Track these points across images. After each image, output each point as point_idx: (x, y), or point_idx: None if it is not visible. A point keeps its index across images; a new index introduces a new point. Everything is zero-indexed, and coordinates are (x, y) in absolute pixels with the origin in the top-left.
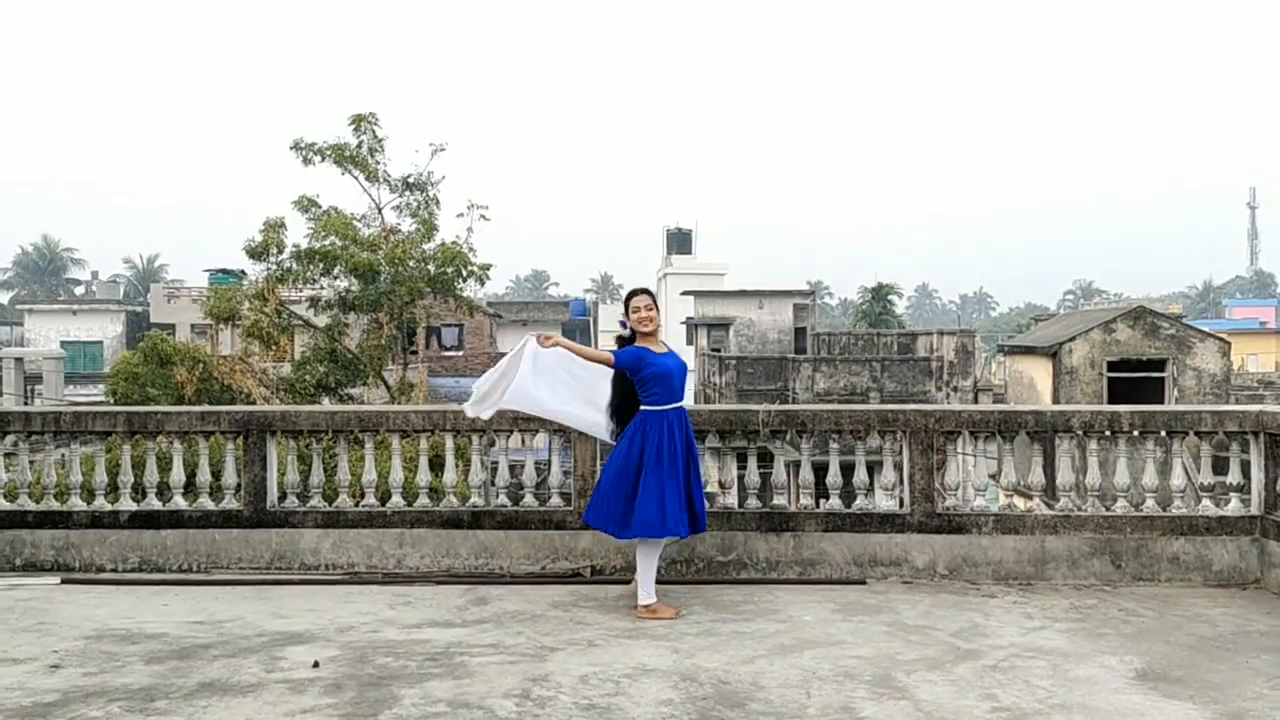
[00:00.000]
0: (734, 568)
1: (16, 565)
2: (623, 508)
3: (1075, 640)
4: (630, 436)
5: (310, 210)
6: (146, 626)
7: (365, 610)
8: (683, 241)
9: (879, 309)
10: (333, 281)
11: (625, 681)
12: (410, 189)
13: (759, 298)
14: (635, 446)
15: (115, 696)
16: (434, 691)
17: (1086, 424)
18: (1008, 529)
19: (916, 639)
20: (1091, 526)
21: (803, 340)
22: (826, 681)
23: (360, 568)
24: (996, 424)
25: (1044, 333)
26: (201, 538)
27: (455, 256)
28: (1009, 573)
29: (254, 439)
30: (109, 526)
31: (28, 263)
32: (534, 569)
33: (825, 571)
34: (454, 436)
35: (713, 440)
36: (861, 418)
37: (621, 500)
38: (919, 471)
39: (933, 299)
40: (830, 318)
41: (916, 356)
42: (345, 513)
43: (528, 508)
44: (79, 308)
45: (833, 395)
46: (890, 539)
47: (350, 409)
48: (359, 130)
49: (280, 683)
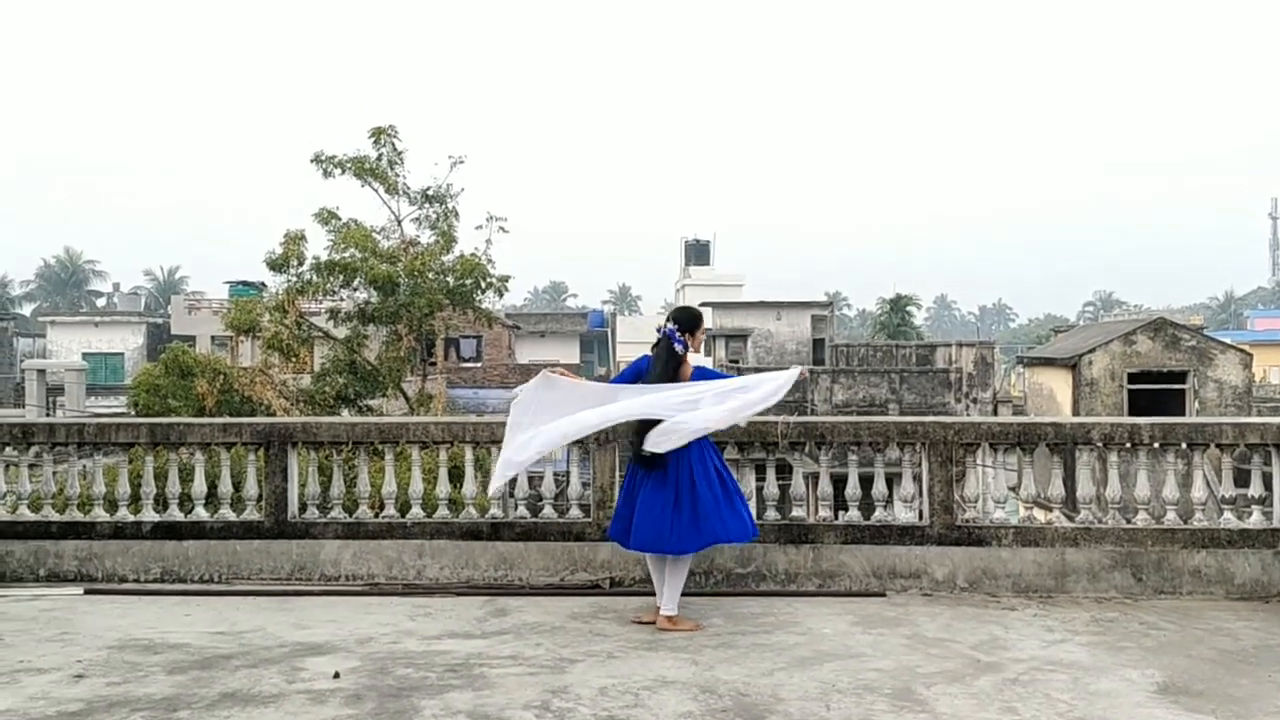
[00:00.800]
0: (753, 580)
1: (40, 575)
2: (688, 520)
3: (1096, 653)
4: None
5: (330, 222)
6: (169, 636)
7: (385, 621)
8: (700, 253)
9: (897, 320)
10: (352, 293)
11: (644, 693)
12: (429, 201)
13: (777, 309)
14: (685, 466)
15: (138, 706)
16: (454, 703)
17: (1107, 436)
18: (1028, 541)
19: (936, 652)
20: (1112, 539)
21: (821, 352)
22: (846, 694)
23: (380, 579)
24: (1016, 436)
25: (1064, 344)
26: (223, 548)
27: (474, 268)
28: (1029, 585)
29: (275, 450)
30: (131, 537)
31: (50, 275)
32: (553, 581)
33: (844, 583)
34: (473, 448)
35: (731, 452)
36: (880, 429)
37: (686, 515)
38: (938, 483)
39: (951, 310)
40: (848, 329)
41: (935, 368)
42: (365, 524)
43: (547, 519)
44: (100, 320)
45: (851, 407)
46: (909, 551)
47: (370, 420)
48: (379, 143)
49: (301, 693)
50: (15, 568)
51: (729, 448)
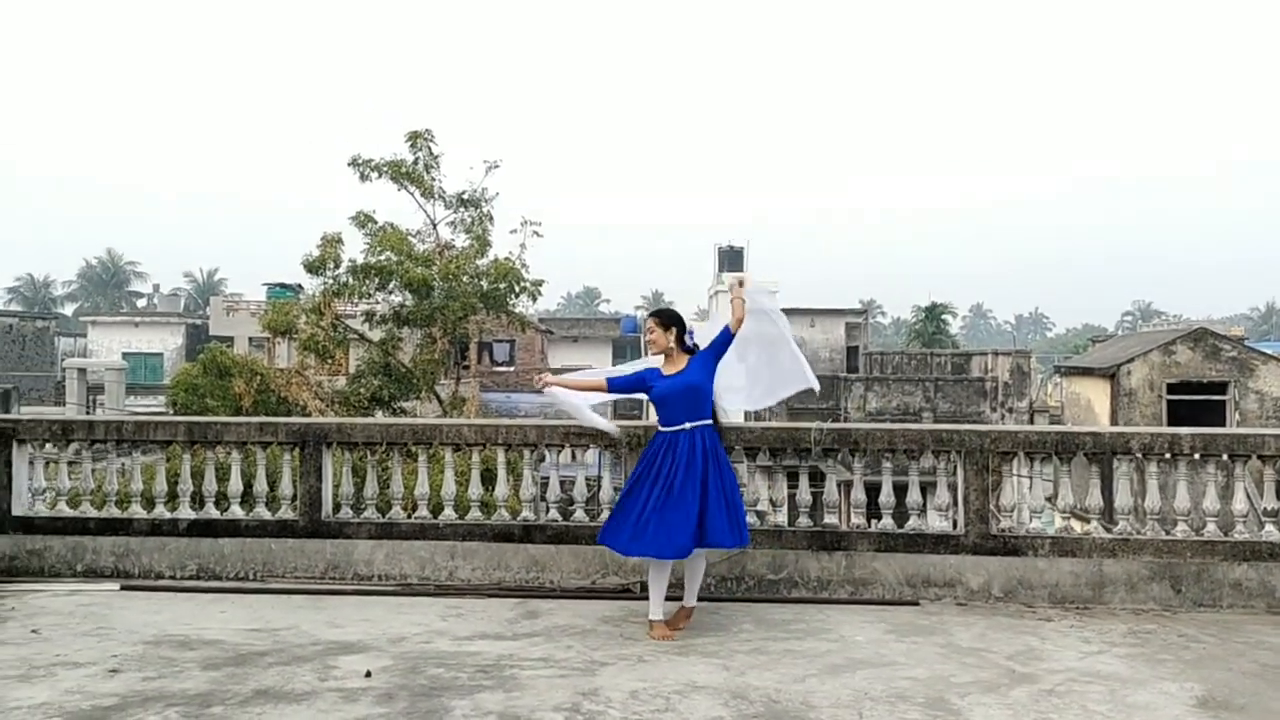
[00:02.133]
0: (785, 586)
1: (78, 571)
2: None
3: (1134, 665)
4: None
5: (367, 226)
6: (204, 633)
7: (418, 621)
8: (734, 259)
9: (932, 328)
10: (387, 296)
11: (675, 698)
12: (464, 205)
13: (810, 316)
14: (640, 464)
15: (173, 701)
16: (485, 703)
17: (1146, 446)
18: (1065, 552)
19: (971, 661)
20: (1151, 550)
21: (855, 359)
22: (879, 702)
23: (413, 579)
24: (1053, 445)
25: (1102, 354)
26: (258, 546)
27: (508, 272)
28: (1065, 596)
29: (310, 450)
30: (168, 534)
31: (91, 275)
32: (584, 584)
33: (877, 591)
34: (505, 451)
35: (764, 458)
36: (916, 437)
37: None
38: (974, 492)
39: (987, 319)
40: (883, 337)
41: (970, 377)
42: (398, 524)
43: (578, 523)
44: (140, 320)
45: (885, 415)
46: (944, 560)
47: (404, 422)
48: (415, 147)
49: (334, 691)
50: (54, 563)
51: (761, 453)
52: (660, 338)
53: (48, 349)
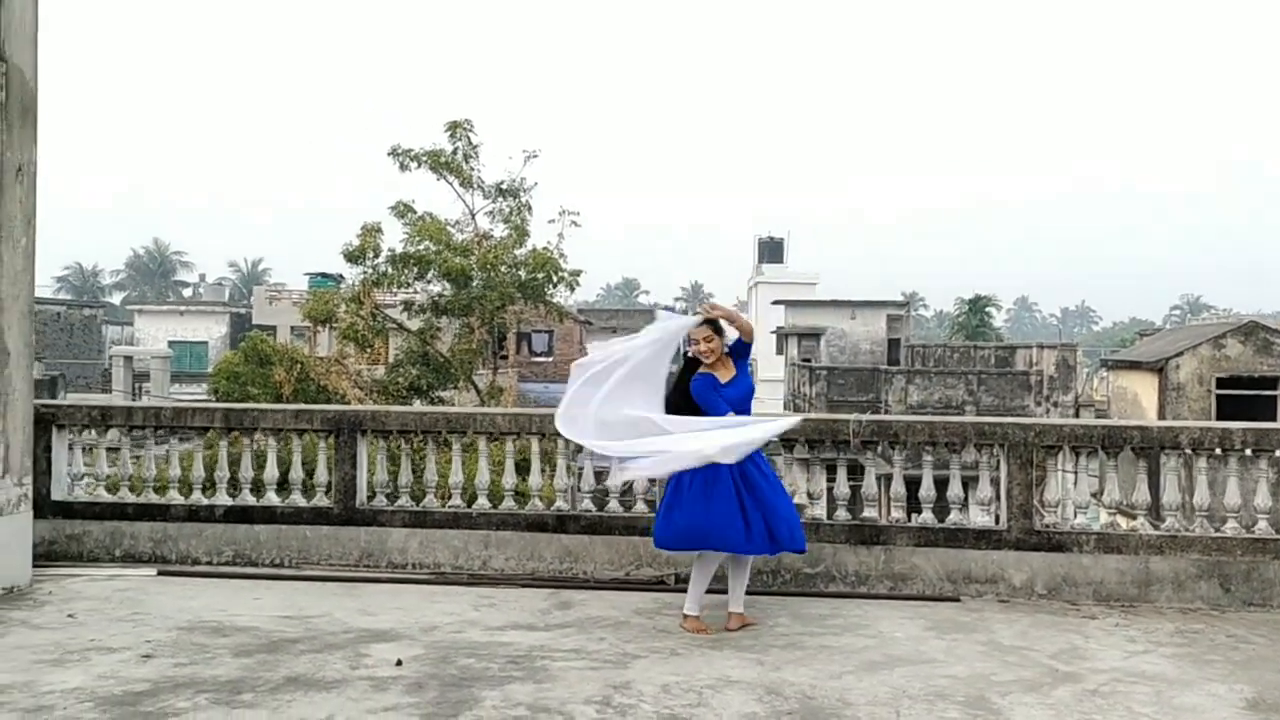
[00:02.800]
0: (822, 580)
1: (116, 556)
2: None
3: (1181, 666)
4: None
5: (406, 215)
6: (237, 619)
7: (450, 610)
8: (774, 251)
9: (976, 321)
10: (426, 286)
11: (708, 692)
12: (503, 195)
13: (851, 308)
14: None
15: (204, 688)
16: (515, 695)
17: (1195, 441)
18: (1110, 548)
19: (1013, 659)
20: (1199, 548)
21: (896, 352)
22: (917, 701)
23: (446, 568)
24: (1100, 439)
25: (1149, 347)
26: (293, 534)
27: (546, 262)
28: (1110, 594)
29: (345, 438)
30: (205, 520)
31: (139, 265)
32: (617, 575)
33: (917, 587)
34: (539, 440)
35: (801, 450)
36: (957, 430)
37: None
38: (1017, 487)
39: (1033, 312)
40: (925, 330)
41: (1015, 370)
42: (432, 513)
43: (612, 514)
44: (186, 309)
45: (927, 408)
46: (986, 555)
47: (438, 410)
48: (454, 136)
49: (364, 679)
50: (92, 548)
51: (799, 445)
52: (718, 345)
53: (95, 337)
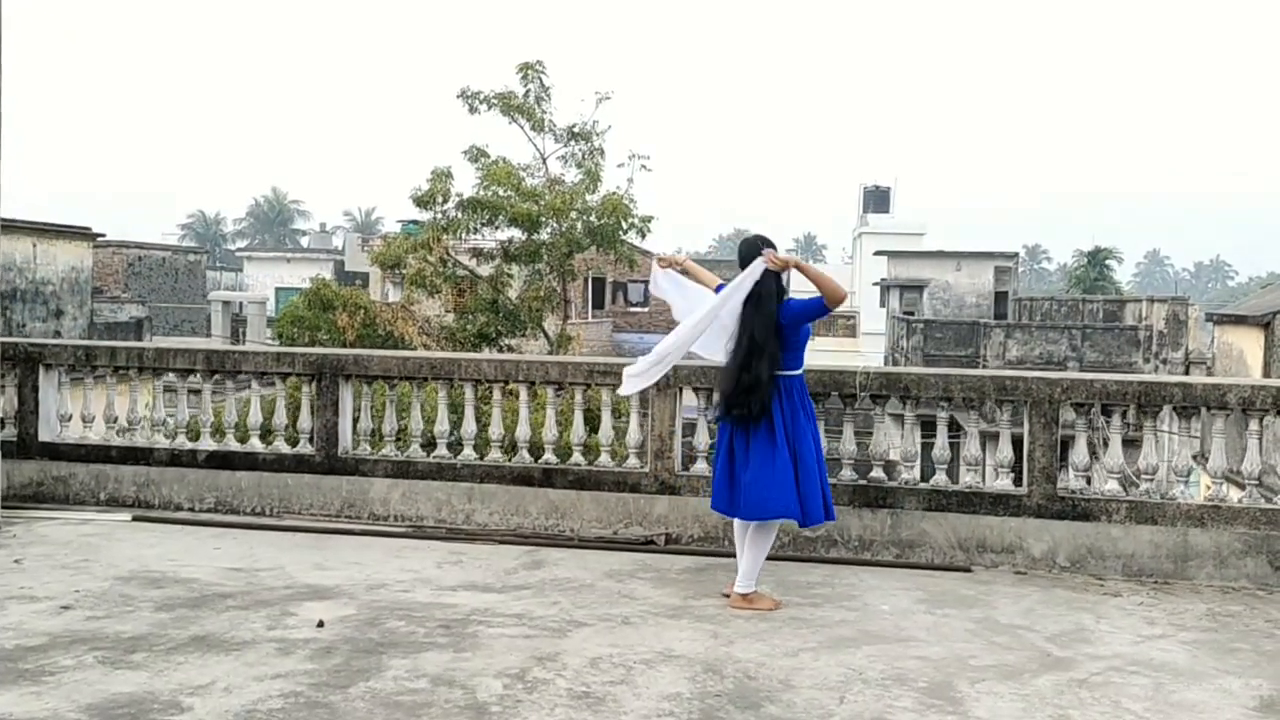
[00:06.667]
0: (822, 545)
1: (100, 500)
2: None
3: (1197, 655)
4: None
5: (479, 160)
6: (182, 571)
7: (410, 567)
8: (880, 200)
9: (1095, 274)
10: (494, 232)
11: (639, 668)
12: (575, 139)
13: (957, 259)
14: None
15: (100, 645)
16: (425, 665)
17: (1246, 400)
18: (1144, 518)
19: (1002, 640)
20: (1246, 520)
21: (1003, 305)
22: (870, 685)
23: (428, 521)
24: (1135, 396)
25: (1259, 301)
26: (274, 481)
27: (615, 207)
28: (1142, 568)
29: (327, 383)
30: (187, 465)
31: (259, 213)
32: (604, 533)
33: (925, 555)
34: (528, 388)
35: None
36: (975, 384)
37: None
38: (1040, 448)
39: (1164, 266)
40: (1047, 283)
41: (1122, 325)
42: (415, 463)
43: (601, 467)
44: (292, 256)
45: (1026, 363)
46: (1003, 522)
47: (421, 355)
48: (526, 79)
49: (274, 641)
50: (78, 490)
51: None
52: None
53: (200, 282)
